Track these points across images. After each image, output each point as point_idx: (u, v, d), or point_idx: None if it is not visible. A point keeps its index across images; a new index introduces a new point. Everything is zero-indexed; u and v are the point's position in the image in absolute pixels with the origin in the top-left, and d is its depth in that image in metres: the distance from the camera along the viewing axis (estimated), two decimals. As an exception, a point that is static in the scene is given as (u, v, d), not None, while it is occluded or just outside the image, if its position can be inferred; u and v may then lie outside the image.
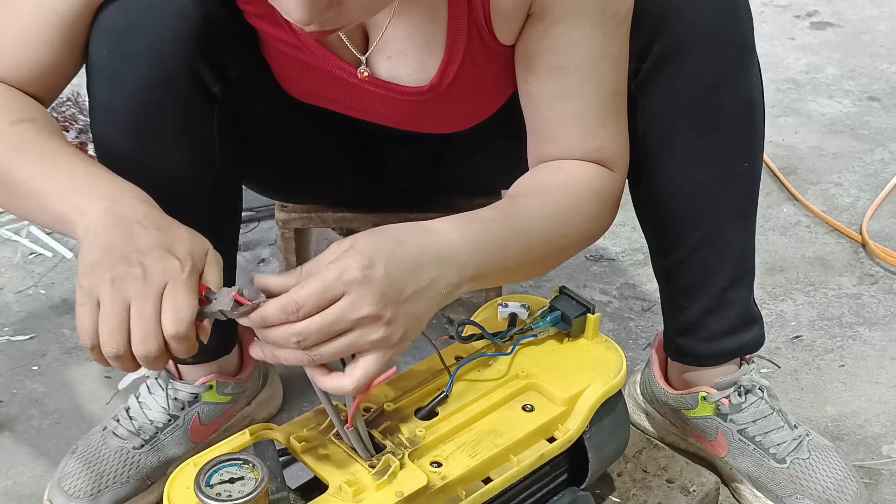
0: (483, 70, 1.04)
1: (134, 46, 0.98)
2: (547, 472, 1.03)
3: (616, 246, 1.74)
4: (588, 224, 1.04)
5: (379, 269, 0.84)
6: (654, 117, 1.08)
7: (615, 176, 1.05)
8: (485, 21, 0.99)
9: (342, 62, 1.04)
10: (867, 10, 2.77)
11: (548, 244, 1.00)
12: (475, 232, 0.92)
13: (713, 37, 1.04)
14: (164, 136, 1.02)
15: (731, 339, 1.19)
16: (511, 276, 1.00)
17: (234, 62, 1.06)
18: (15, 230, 1.75)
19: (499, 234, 0.94)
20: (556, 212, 1.00)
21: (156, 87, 1.00)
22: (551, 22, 0.97)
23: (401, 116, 1.11)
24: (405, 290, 0.86)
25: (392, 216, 1.38)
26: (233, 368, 1.28)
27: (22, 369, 1.44)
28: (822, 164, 2.02)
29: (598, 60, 1.00)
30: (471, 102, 1.11)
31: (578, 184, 1.02)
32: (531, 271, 1.04)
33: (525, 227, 0.97)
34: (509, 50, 1.02)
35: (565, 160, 1.04)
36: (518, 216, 0.97)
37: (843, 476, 1.18)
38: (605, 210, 1.05)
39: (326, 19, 0.81)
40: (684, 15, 1.03)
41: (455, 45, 1.01)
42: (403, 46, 1.02)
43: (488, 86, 1.08)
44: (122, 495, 1.19)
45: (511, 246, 0.95)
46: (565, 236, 1.01)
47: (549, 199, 1.00)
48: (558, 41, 0.98)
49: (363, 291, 0.83)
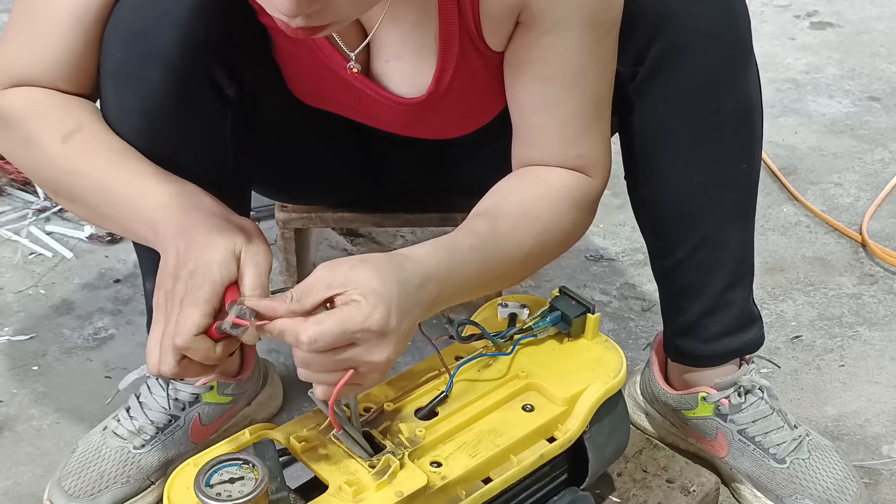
0: (478, 76, 1.04)
1: (148, 49, 0.97)
2: (547, 472, 1.03)
3: (616, 246, 1.74)
4: (565, 235, 1.06)
5: (393, 319, 0.86)
6: (652, 120, 1.08)
7: (594, 182, 1.07)
8: (475, 27, 0.99)
9: (345, 60, 1.04)
10: (867, 10, 2.77)
11: (523, 261, 1.02)
12: (453, 263, 0.94)
13: (711, 39, 1.04)
14: (178, 138, 1.02)
15: (730, 340, 1.19)
16: (483, 292, 1.03)
17: (247, 63, 1.05)
18: (15, 230, 1.75)
19: (475, 262, 0.96)
20: (533, 230, 1.02)
21: (170, 89, 0.99)
22: (541, 32, 0.98)
23: (400, 123, 1.11)
24: (408, 330, 0.89)
25: (392, 216, 1.39)
26: (233, 369, 1.28)
27: (22, 369, 1.44)
28: (822, 164, 2.02)
29: (584, 69, 1.00)
30: (468, 108, 1.11)
31: (557, 195, 1.04)
32: (507, 284, 1.07)
33: (503, 251, 0.99)
34: (500, 56, 1.03)
35: (545, 168, 1.05)
36: (496, 241, 0.99)
37: (843, 476, 1.18)
38: (581, 219, 1.07)
39: (314, 12, 0.79)
40: (682, 18, 1.03)
41: (448, 52, 1.01)
42: (399, 50, 1.03)
43: (484, 92, 1.08)
44: (122, 495, 1.19)
45: (487, 269, 0.98)
46: (542, 250, 1.04)
47: (527, 218, 1.02)
48: (547, 52, 0.99)
49: (379, 342, 0.86)
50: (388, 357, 0.87)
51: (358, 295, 0.85)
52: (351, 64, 1.03)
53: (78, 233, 1.74)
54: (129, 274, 1.64)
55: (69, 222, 1.78)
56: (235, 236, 0.91)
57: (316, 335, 0.84)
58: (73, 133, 0.97)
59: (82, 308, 1.57)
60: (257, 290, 0.90)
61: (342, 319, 0.84)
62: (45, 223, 1.77)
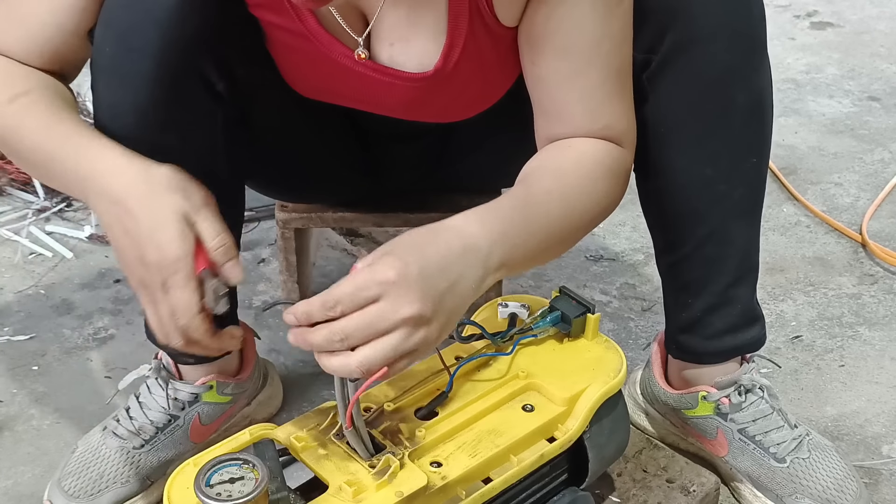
0: (486, 53, 1.04)
1: (139, 43, 0.98)
2: (547, 472, 1.03)
3: (616, 246, 1.75)
4: (603, 201, 1.04)
5: (413, 268, 0.85)
6: (664, 111, 1.08)
7: (624, 152, 1.06)
8: (486, 2, 0.99)
9: (345, 48, 1.04)
10: (867, 10, 2.77)
11: (567, 225, 1.01)
12: (496, 222, 0.93)
13: (725, 32, 1.04)
14: (168, 133, 1.02)
15: (733, 337, 1.19)
16: (534, 261, 1.01)
17: (239, 59, 1.06)
18: (15, 230, 1.75)
19: (520, 221, 0.95)
20: (571, 193, 1.00)
21: (160, 84, 0.99)
22: (554, 4, 0.97)
23: (405, 104, 1.10)
24: (439, 286, 0.87)
25: (392, 216, 1.39)
26: (233, 368, 1.27)
27: (22, 369, 1.44)
28: (822, 164, 2.02)
29: (600, 40, 1.00)
30: (475, 87, 1.11)
31: (591, 162, 1.03)
32: (553, 253, 1.04)
33: (544, 212, 0.98)
34: (512, 32, 1.02)
35: (575, 138, 1.04)
36: (536, 202, 0.98)
37: (843, 476, 1.18)
38: (617, 185, 1.06)
39: None
40: (696, 9, 1.03)
41: (457, 29, 1.01)
42: (405, 32, 1.02)
43: (493, 69, 1.08)
44: (122, 495, 1.19)
45: (532, 232, 0.96)
46: (583, 215, 1.02)
47: (563, 182, 1.01)
48: (562, 23, 0.98)
49: (400, 291, 0.84)
50: (417, 311, 0.84)
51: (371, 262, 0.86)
52: (359, 50, 1.03)
53: (78, 233, 1.74)
54: (129, 274, 1.64)
55: (69, 222, 1.78)
56: (172, 200, 0.92)
57: (336, 295, 0.84)
58: (20, 96, 0.99)
59: (82, 308, 1.57)
60: (216, 238, 0.92)
61: (353, 278, 0.85)
62: (45, 223, 1.77)
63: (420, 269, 0.86)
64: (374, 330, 0.84)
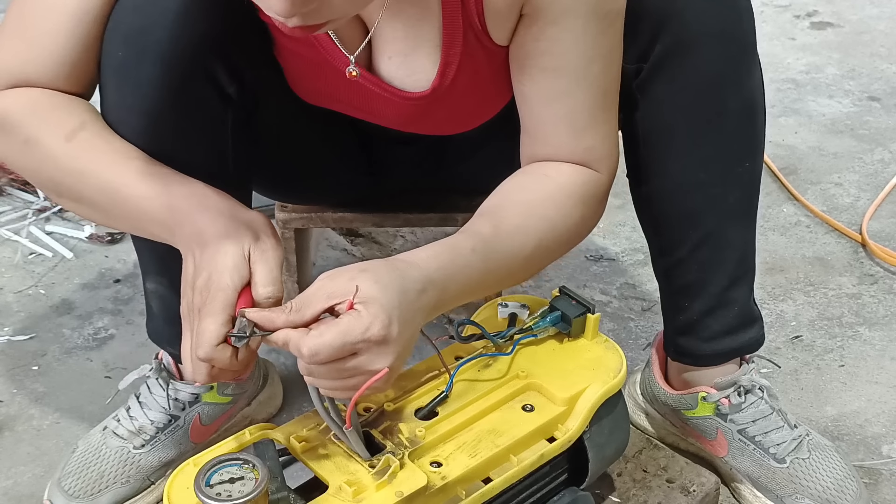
0: (482, 70, 1.04)
1: (149, 47, 0.97)
2: (547, 472, 1.03)
3: (616, 246, 1.74)
4: (572, 233, 1.05)
5: (395, 327, 0.86)
6: (656, 117, 1.08)
7: (601, 178, 1.06)
8: (479, 21, 0.99)
9: (347, 59, 1.04)
10: (867, 10, 2.76)
11: (527, 261, 1.02)
12: (455, 266, 0.94)
13: (715, 37, 1.04)
14: (179, 137, 1.02)
15: (731, 339, 1.19)
16: (487, 293, 1.03)
17: (248, 62, 1.05)
18: (15, 230, 1.75)
19: (478, 264, 0.96)
20: (538, 229, 1.01)
21: (170, 87, 0.99)
22: (545, 24, 0.97)
23: (403, 119, 1.11)
24: (410, 337, 0.89)
25: (392, 216, 1.39)
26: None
27: (22, 369, 1.44)
28: (822, 164, 2.02)
29: (590, 61, 1.00)
30: (472, 103, 1.11)
31: (563, 193, 1.03)
32: (512, 283, 1.07)
33: (506, 251, 0.99)
34: (505, 50, 1.03)
35: (553, 164, 1.05)
36: (499, 242, 0.99)
37: (843, 476, 1.18)
38: (590, 214, 1.07)
39: (309, 11, 0.79)
40: (686, 15, 1.03)
41: (452, 46, 1.01)
42: (402, 47, 1.02)
43: (488, 86, 1.08)
44: (122, 495, 1.19)
45: (491, 270, 0.98)
46: (548, 249, 1.03)
47: (532, 217, 1.02)
48: (552, 44, 0.99)
49: (381, 350, 0.86)
50: (391, 365, 0.87)
51: (358, 305, 0.85)
52: (350, 68, 1.03)
53: (78, 233, 1.74)
54: (129, 274, 1.64)
55: (69, 222, 1.78)
56: (243, 237, 0.92)
57: (317, 347, 0.84)
58: (77, 132, 0.97)
59: (82, 308, 1.57)
60: (268, 286, 0.91)
61: (343, 331, 0.84)
62: (45, 223, 1.77)
63: (400, 329, 0.87)
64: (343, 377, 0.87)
